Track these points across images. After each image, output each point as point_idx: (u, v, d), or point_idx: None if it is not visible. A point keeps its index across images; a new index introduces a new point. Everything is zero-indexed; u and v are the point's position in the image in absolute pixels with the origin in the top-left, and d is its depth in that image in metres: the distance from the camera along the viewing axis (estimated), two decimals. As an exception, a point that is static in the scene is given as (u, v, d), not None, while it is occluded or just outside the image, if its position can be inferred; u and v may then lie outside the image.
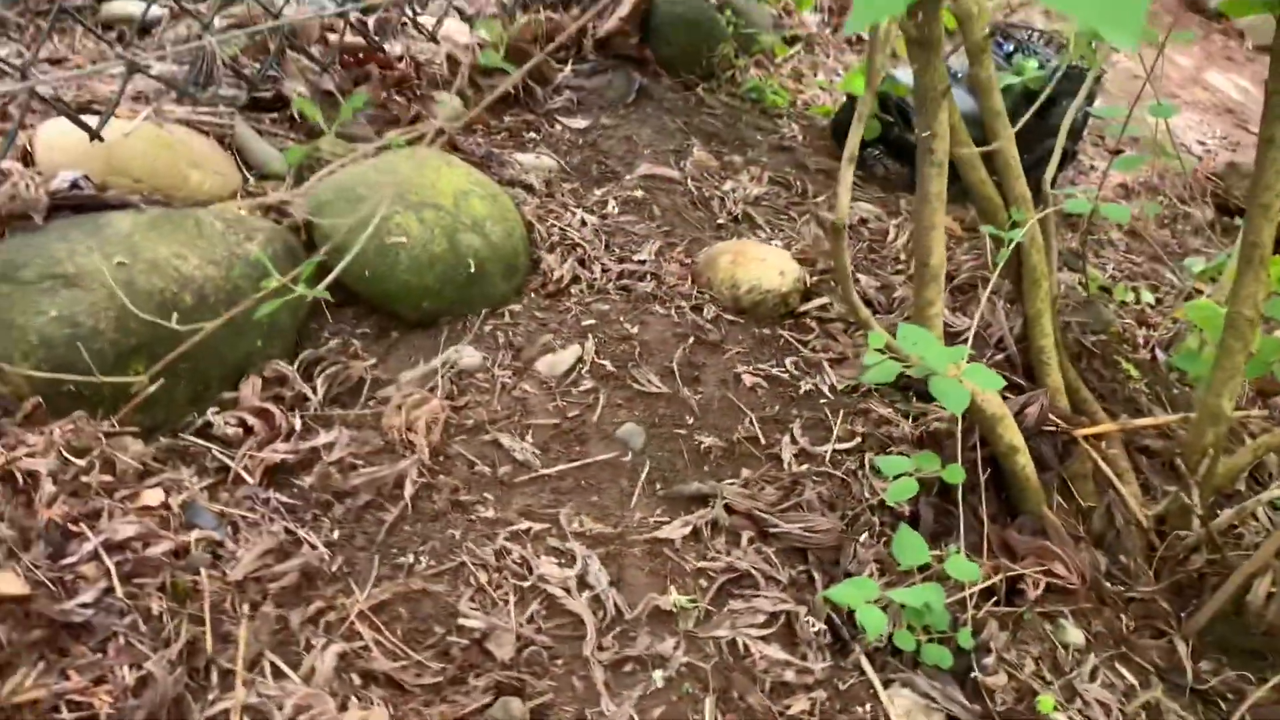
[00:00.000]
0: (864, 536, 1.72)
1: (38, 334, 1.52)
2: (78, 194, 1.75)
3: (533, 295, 2.18)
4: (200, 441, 1.63)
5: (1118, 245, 3.22)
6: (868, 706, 1.47)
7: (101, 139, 1.84)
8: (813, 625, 1.55)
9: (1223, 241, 3.41)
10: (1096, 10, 0.53)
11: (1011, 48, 3.10)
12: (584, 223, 2.40)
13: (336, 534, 1.56)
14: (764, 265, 2.24)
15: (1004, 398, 1.85)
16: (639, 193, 2.60)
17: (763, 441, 1.89)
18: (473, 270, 2.05)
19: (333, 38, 2.45)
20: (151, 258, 1.67)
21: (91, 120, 1.84)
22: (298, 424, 1.70)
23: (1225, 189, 3.77)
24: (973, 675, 1.51)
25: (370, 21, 2.66)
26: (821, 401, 2.01)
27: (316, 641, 1.38)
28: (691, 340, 2.08)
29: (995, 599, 1.65)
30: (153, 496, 1.46)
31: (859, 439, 1.92)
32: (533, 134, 2.75)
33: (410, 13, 2.67)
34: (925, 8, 1.58)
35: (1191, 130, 4.62)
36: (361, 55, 2.50)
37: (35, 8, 2.58)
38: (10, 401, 1.50)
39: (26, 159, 1.86)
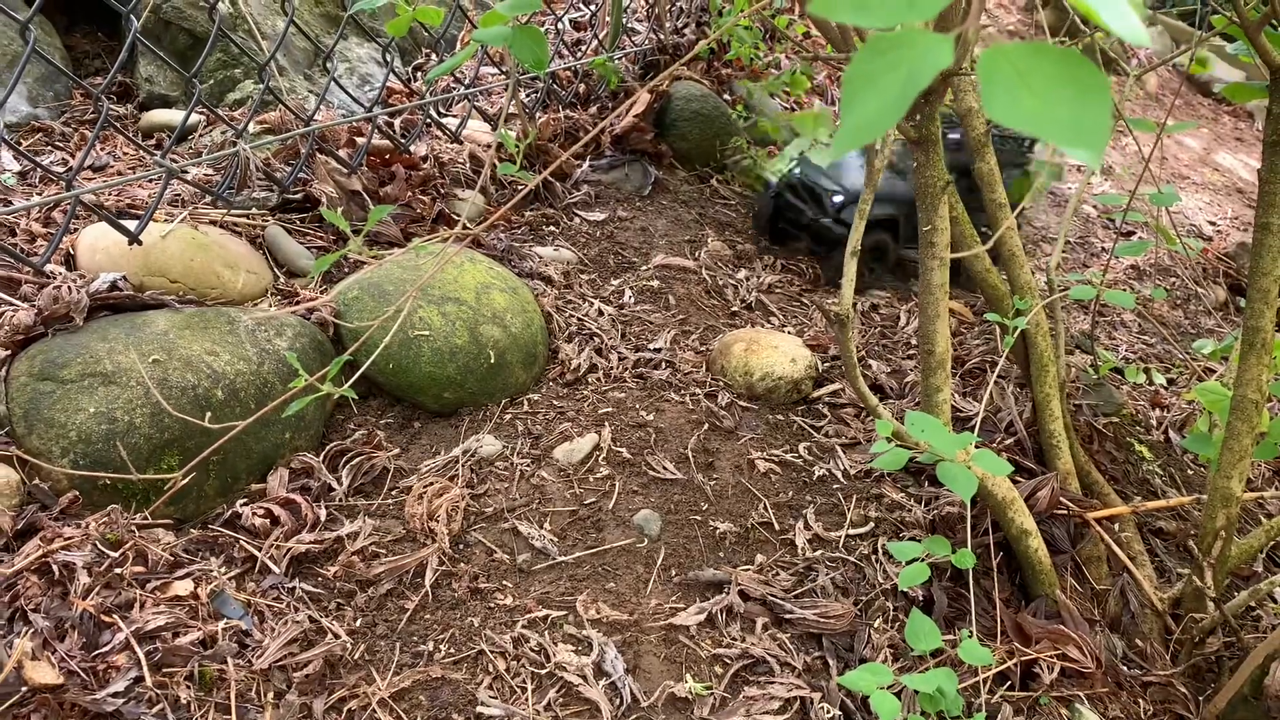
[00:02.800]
0: (878, 622, 1.74)
1: (77, 430, 1.59)
2: (117, 294, 1.84)
3: (551, 384, 2.24)
4: (228, 532, 1.69)
5: (1130, 326, 3.26)
6: (884, 794, 1.47)
7: (140, 242, 1.93)
8: (827, 711, 1.56)
9: (1235, 321, 3.44)
10: (1060, 130, 0.58)
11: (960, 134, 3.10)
12: (601, 313, 2.48)
13: (359, 622, 1.59)
14: (777, 352, 2.30)
15: (1015, 481, 1.88)
16: (655, 283, 2.68)
17: (777, 527, 1.92)
18: (493, 361, 2.11)
19: (360, 140, 2.56)
20: (185, 355, 1.75)
21: (130, 223, 1.94)
22: (323, 514, 1.75)
23: (1237, 269, 3.82)
24: (989, 762, 1.51)
25: (396, 124, 2.78)
26: (835, 487, 2.04)
27: (338, 730, 1.41)
28: (706, 427, 2.13)
29: (1009, 684, 1.66)
30: (182, 587, 1.51)
31: (872, 524, 1.94)
32: (552, 227, 2.85)
33: (434, 115, 2.79)
34: (923, 109, 1.66)
35: (1202, 211, 4.68)
36: (388, 156, 2.62)
37: (80, 117, 2.72)
38: (49, 496, 1.56)
39: (69, 261, 1.96)
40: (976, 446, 1.54)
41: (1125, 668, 1.76)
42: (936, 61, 0.60)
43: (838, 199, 2.87)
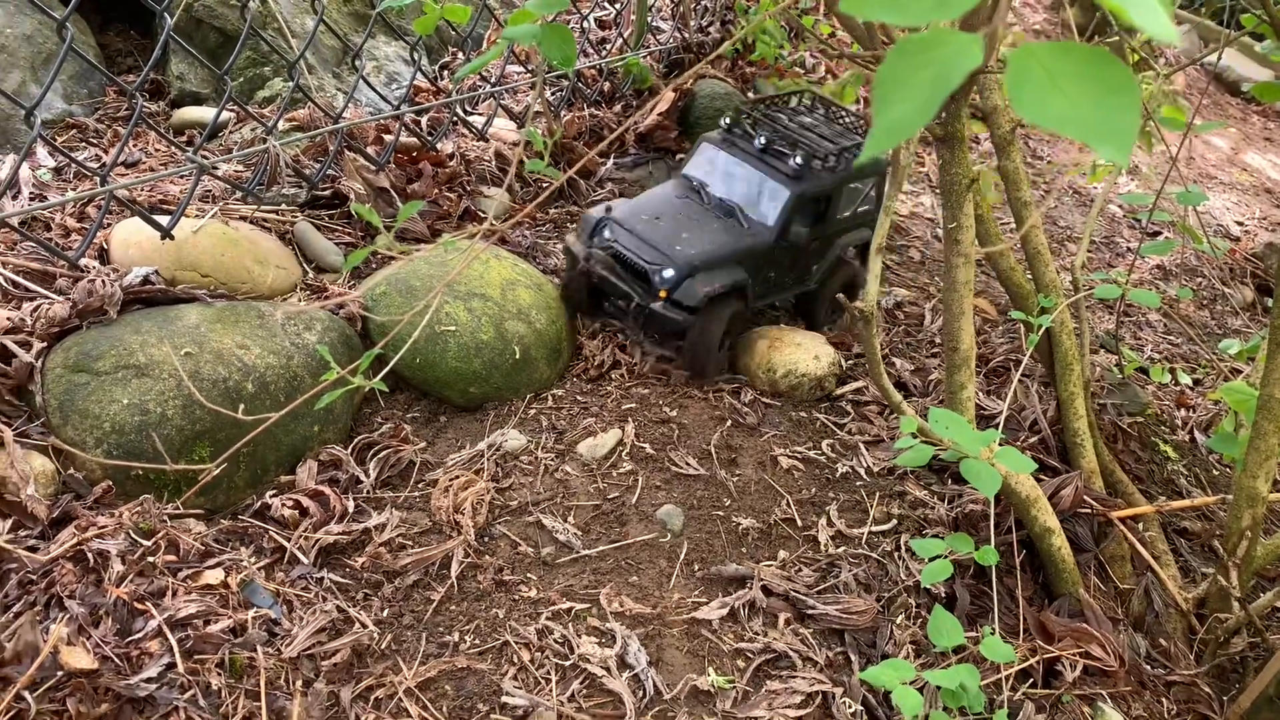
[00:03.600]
0: (900, 618, 1.74)
1: (111, 421, 1.62)
2: (149, 288, 1.87)
3: (575, 379, 2.25)
4: (258, 523, 1.71)
5: (1155, 326, 3.24)
6: (905, 789, 1.48)
7: (172, 237, 1.96)
8: (849, 706, 1.57)
9: (1262, 321, 3.41)
10: (1088, 129, 0.59)
11: (764, 140, 2.35)
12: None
13: (386, 612, 1.61)
14: (800, 350, 2.30)
15: (1038, 480, 1.87)
16: (678, 280, 2.69)
17: (799, 523, 1.92)
18: (518, 356, 2.13)
19: (388, 138, 2.59)
20: (217, 348, 1.78)
21: (163, 219, 1.97)
22: (350, 506, 1.78)
23: (1264, 269, 3.78)
24: (1010, 758, 1.51)
25: (423, 122, 2.80)
26: (858, 484, 2.05)
27: (366, 718, 1.43)
28: (729, 423, 2.14)
29: (1032, 681, 1.66)
30: (213, 576, 1.53)
31: (895, 521, 1.95)
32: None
33: (461, 113, 2.81)
34: (949, 107, 1.66)
35: (1229, 211, 4.63)
36: (415, 154, 2.64)
37: (113, 114, 2.76)
38: (83, 485, 1.59)
39: (103, 256, 1.99)
40: (1000, 444, 1.54)
41: (1149, 667, 1.76)
42: (966, 61, 0.60)
43: (667, 274, 2.16)
